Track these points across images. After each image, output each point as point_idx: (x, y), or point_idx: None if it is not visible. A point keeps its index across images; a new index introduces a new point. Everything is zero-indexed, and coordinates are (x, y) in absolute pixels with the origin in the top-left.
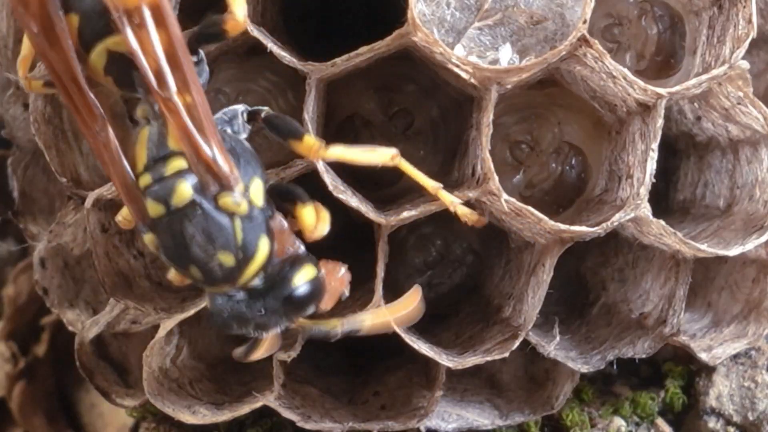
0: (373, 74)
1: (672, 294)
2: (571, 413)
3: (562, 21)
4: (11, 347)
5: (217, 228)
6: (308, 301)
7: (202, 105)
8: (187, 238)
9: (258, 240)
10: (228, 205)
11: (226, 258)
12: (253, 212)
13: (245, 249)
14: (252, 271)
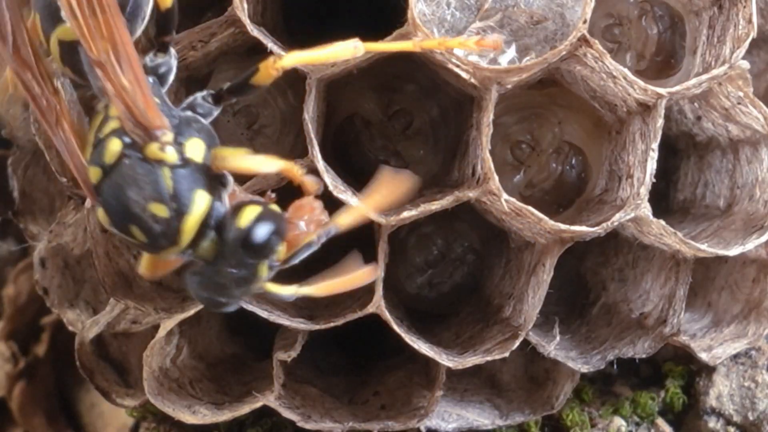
0: (373, 74)
1: (672, 294)
2: (571, 413)
3: (562, 21)
4: (11, 347)
5: (145, 176)
6: (265, 239)
7: (130, 58)
8: (122, 195)
9: (193, 193)
10: (154, 153)
11: (159, 209)
12: (186, 164)
13: (178, 200)
14: (190, 226)
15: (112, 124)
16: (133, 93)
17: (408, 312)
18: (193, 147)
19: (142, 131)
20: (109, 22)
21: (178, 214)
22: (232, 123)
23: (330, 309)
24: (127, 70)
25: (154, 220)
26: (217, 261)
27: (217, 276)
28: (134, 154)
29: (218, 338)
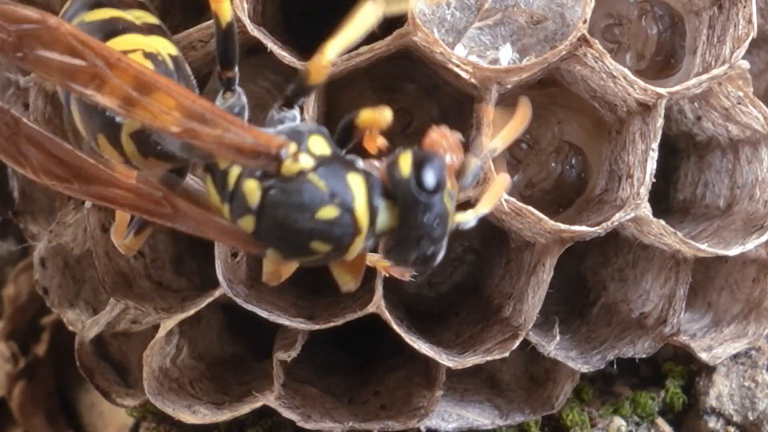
0: (373, 74)
1: (672, 294)
2: (571, 413)
3: (562, 21)
4: (11, 347)
5: (298, 193)
6: (435, 173)
7: (207, 108)
8: (288, 222)
9: (345, 180)
10: (292, 169)
11: (327, 212)
12: (322, 161)
13: (337, 194)
14: (362, 209)
15: (234, 171)
16: (235, 134)
17: (408, 312)
18: (316, 144)
19: (267, 159)
20: (167, 93)
21: (345, 206)
22: None
23: (330, 309)
24: (213, 119)
25: (329, 224)
26: (405, 221)
27: (413, 232)
28: (275, 182)
29: (218, 338)
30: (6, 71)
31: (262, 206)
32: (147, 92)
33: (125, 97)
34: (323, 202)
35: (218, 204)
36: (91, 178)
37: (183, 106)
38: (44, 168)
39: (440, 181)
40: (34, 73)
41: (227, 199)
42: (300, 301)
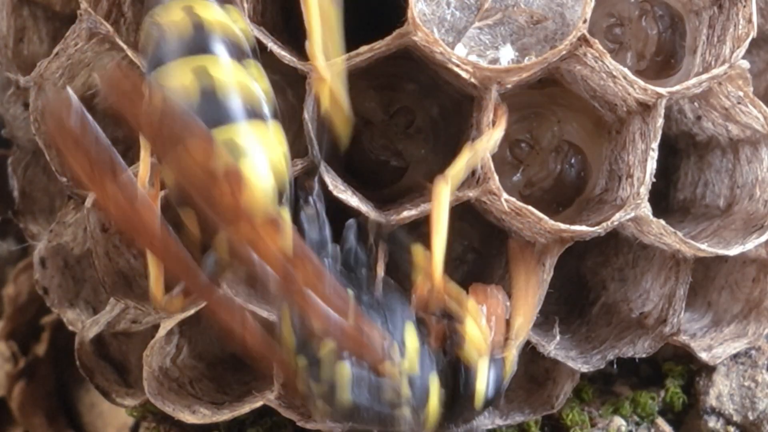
0: (373, 74)
1: (672, 293)
2: (571, 413)
3: (562, 20)
4: (11, 347)
5: (383, 389)
6: (497, 391)
7: (330, 285)
8: (362, 408)
9: (427, 384)
10: (392, 372)
11: (404, 412)
12: (416, 364)
13: (418, 400)
14: (433, 412)
15: (328, 345)
16: (342, 319)
17: None
18: (411, 339)
19: (366, 355)
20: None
21: (418, 409)
22: None
23: None
24: (330, 298)
25: (398, 419)
26: (454, 410)
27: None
28: (367, 374)
29: (218, 338)
30: (6, 71)
31: (343, 388)
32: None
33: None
34: (402, 404)
35: (289, 340)
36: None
37: (283, 268)
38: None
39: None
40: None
41: (305, 352)
42: None
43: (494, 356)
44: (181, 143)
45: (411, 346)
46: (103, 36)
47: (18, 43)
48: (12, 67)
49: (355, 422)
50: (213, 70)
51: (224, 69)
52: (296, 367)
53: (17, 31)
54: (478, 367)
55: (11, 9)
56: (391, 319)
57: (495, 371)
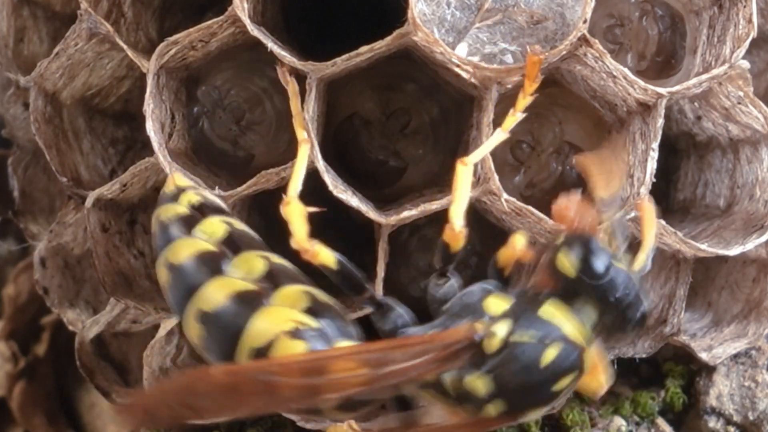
0: (372, 74)
1: (672, 293)
2: (571, 413)
3: (562, 21)
4: (11, 347)
5: (516, 359)
6: (597, 262)
7: (392, 346)
8: (526, 387)
9: (540, 318)
10: (494, 345)
11: (550, 354)
12: (511, 316)
13: (547, 335)
14: (574, 330)
15: (447, 378)
16: (424, 351)
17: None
18: (492, 305)
19: (467, 351)
20: (343, 360)
21: (559, 340)
22: (224, 118)
23: None
24: (399, 352)
25: (557, 363)
26: (602, 309)
27: (616, 312)
28: (492, 364)
29: None
30: (6, 71)
31: (494, 389)
32: (323, 371)
33: (304, 388)
34: (541, 351)
35: (453, 407)
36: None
37: (366, 361)
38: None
39: (605, 261)
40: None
41: (457, 401)
42: None
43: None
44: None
45: (496, 310)
46: (104, 36)
47: (18, 43)
48: (12, 67)
49: (543, 398)
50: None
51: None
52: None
53: (17, 31)
54: (559, 253)
55: (11, 9)
56: (470, 310)
57: (585, 248)
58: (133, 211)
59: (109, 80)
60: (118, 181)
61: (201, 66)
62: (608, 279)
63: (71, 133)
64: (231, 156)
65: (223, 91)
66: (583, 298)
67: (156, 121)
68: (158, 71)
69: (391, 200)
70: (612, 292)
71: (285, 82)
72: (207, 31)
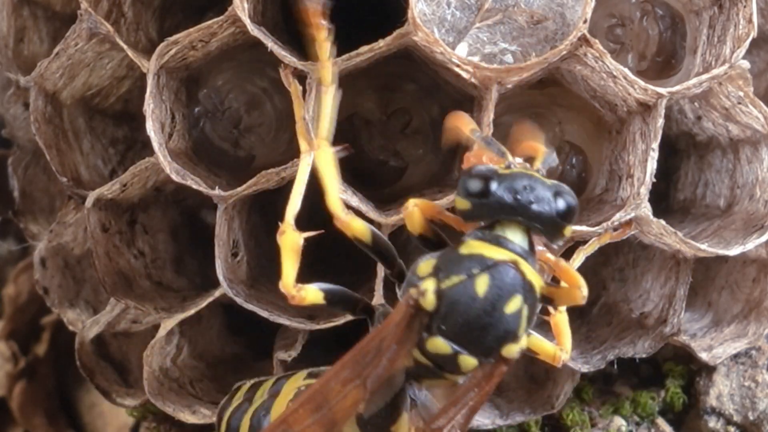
0: (372, 73)
1: (672, 293)
2: (571, 413)
3: (562, 20)
4: (11, 347)
5: (458, 303)
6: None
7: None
8: (478, 323)
9: (463, 254)
10: (431, 301)
11: (483, 281)
12: (436, 270)
13: (475, 264)
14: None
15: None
16: (386, 343)
17: None
18: (421, 269)
19: (416, 319)
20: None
21: (489, 265)
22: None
23: None
24: (370, 355)
25: (500, 281)
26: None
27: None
28: (438, 320)
29: (218, 338)
30: (6, 71)
31: (455, 342)
32: (325, 401)
33: (319, 425)
34: (473, 283)
35: (449, 380)
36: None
37: (346, 379)
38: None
39: (479, 177)
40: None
41: (441, 369)
42: None
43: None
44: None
45: (424, 271)
46: (104, 36)
47: (18, 43)
48: (12, 67)
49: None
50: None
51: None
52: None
53: (17, 31)
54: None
55: (11, 9)
56: (409, 283)
57: (463, 179)
58: (133, 211)
59: (109, 80)
60: (118, 181)
61: (201, 66)
62: (495, 189)
63: (71, 133)
64: (232, 156)
65: (223, 93)
66: (496, 221)
67: (156, 121)
68: (158, 71)
69: (391, 200)
70: (508, 198)
71: (288, 84)
72: (207, 31)
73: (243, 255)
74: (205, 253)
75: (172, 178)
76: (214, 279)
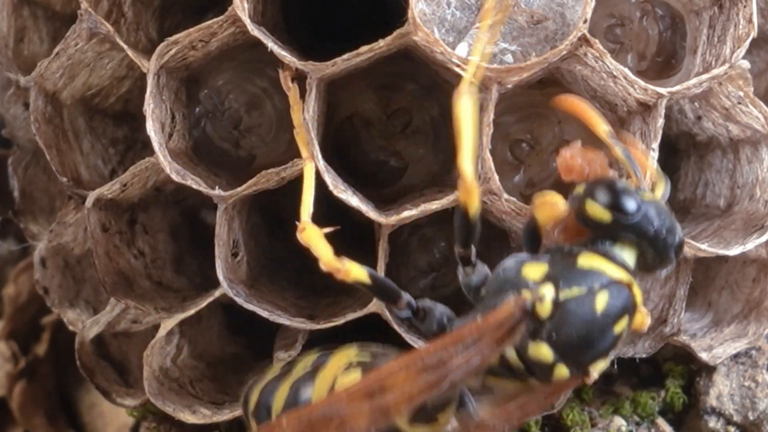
0: (372, 73)
1: (672, 293)
2: (571, 413)
3: (562, 20)
4: (11, 347)
5: (575, 315)
6: (625, 200)
7: (442, 347)
8: (588, 340)
9: (581, 267)
10: (547, 309)
11: (603, 298)
12: (553, 276)
13: (594, 280)
14: (618, 269)
15: (511, 354)
16: (479, 336)
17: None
18: (530, 272)
19: (523, 322)
20: (396, 375)
21: (606, 284)
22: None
23: (330, 308)
24: (452, 351)
25: (614, 306)
26: (643, 245)
27: (656, 243)
28: (551, 326)
29: (218, 338)
30: (6, 71)
31: (560, 351)
32: (384, 390)
33: (373, 411)
34: (593, 300)
35: (522, 382)
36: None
37: (425, 366)
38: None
39: (635, 197)
40: None
41: (527, 374)
42: (300, 300)
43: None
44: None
45: (536, 275)
46: (104, 36)
47: (18, 43)
48: (12, 67)
49: (603, 347)
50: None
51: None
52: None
53: (17, 31)
54: (586, 204)
55: (11, 9)
56: (511, 284)
57: (609, 190)
58: (134, 211)
59: (110, 80)
60: (118, 181)
61: (201, 66)
62: (640, 216)
63: (71, 133)
64: (232, 156)
65: (223, 93)
66: (620, 239)
67: (156, 121)
68: (158, 71)
69: (391, 200)
70: (650, 225)
71: (287, 88)
72: (207, 30)
73: (243, 255)
74: (205, 253)
75: (172, 178)
76: (214, 279)
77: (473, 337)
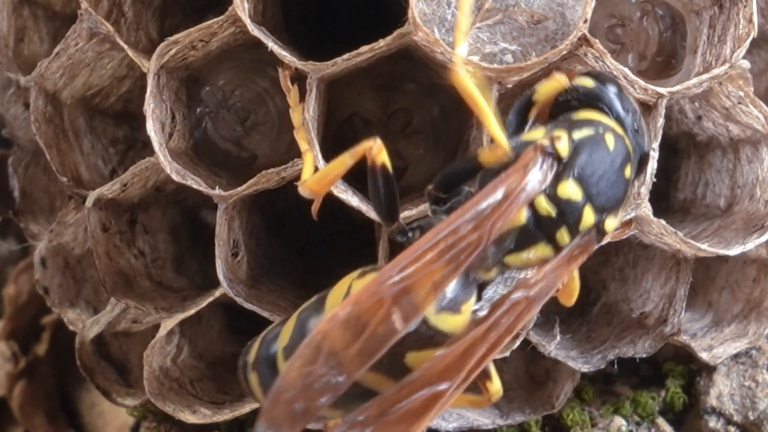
0: (373, 73)
1: (673, 293)
2: (571, 413)
3: (562, 20)
4: (12, 347)
5: (596, 147)
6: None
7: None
8: (611, 171)
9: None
10: (567, 148)
11: (610, 138)
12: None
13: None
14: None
15: (541, 201)
16: (507, 188)
17: None
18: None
19: (548, 163)
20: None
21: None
22: (228, 119)
23: None
24: (482, 211)
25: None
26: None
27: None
28: (575, 163)
29: (219, 338)
30: (6, 71)
31: (586, 189)
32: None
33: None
34: (602, 138)
35: (565, 238)
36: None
37: (467, 221)
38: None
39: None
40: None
41: (562, 221)
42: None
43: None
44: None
45: (540, 133)
46: (104, 36)
47: (18, 43)
48: (12, 67)
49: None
50: None
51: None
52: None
53: (18, 31)
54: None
55: (12, 9)
56: (523, 146)
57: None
58: (134, 211)
59: (110, 80)
60: (118, 181)
61: (201, 66)
62: (622, 90)
63: (71, 132)
64: (234, 156)
65: (228, 91)
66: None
67: (156, 121)
68: (159, 71)
69: None
70: (624, 102)
71: (286, 89)
72: (207, 30)
73: (243, 255)
74: (205, 253)
75: (173, 178)
76: (215, 279)
77: (504, 189)
